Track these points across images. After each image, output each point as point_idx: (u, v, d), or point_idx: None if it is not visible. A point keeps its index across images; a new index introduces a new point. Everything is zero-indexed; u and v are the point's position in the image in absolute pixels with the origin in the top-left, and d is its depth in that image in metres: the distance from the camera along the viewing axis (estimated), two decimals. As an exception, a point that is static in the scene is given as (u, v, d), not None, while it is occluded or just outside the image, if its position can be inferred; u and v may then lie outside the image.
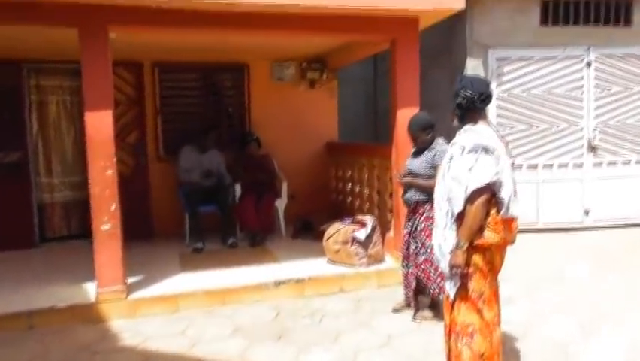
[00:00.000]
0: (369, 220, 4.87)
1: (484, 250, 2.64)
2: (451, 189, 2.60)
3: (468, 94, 2.64)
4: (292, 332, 3.82)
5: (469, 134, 2.62)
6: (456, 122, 2.78)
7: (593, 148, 6.57)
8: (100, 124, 4.01)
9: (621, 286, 4.64)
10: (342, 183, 6.69)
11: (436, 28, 5.67)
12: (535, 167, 6.57)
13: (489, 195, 2.54)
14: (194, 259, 5.30)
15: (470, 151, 2.54)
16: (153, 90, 6.33)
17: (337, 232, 4.89)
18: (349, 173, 6.42)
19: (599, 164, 6.62)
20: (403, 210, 4.72)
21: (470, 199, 2.53)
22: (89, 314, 4.04)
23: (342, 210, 6.44)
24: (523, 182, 6.51)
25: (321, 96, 6.94)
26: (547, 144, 6.56)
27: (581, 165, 6.60)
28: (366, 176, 5.88)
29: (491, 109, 6.44)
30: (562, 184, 6.60)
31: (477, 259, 2.65)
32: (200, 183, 5.89)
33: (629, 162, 6.67)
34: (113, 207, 4.07)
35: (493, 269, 2.74)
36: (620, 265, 5.26)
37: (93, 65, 3.98)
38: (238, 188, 6.13)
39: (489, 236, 2.60)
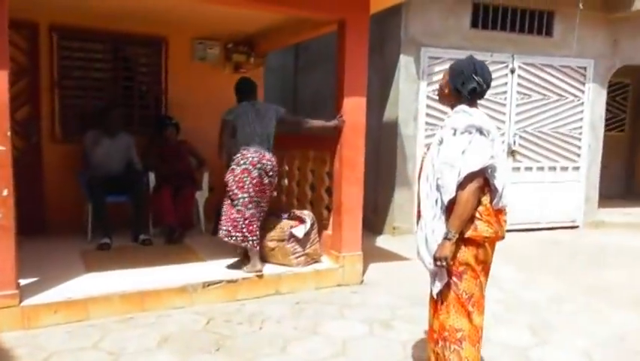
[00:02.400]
0: (307, 216, 4.46)
1: (477, 245, 2.38)
2: (442, 175, 2.33)
3: (480, 81, 2.38)
4: (231, 342, 3.29)
5: (461, 115, 2.37)
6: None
7: (512, 153, 6.75)
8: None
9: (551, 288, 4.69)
10: (266, 176, 6.20)
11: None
12: (459, 168, 6.58)
13: (482, 181, 2.30)
14: (101, 258, 4.53)
15: (463, 132, 2.29)
16: (50, 59, 5.39)
17: (272, 228, 4.43)
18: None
19: (517, 168, 6.81)
20: (346, 207, 4.43)
21: (462, 185, 2.27)
22: (-31, 326, 3.21)
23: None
24: (448, 183, 6.52)
25: (246, 82, 6.38)
26: (472, 146, 6.61)
27: (500, 169, 6.73)
28: (296, 169, 5.46)
29: (420, 109, 6.37)
30: (483, 187, 6.68)
31: (469, 255, 2.38)
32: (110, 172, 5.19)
33: (542, 168, 6.94)
34: (5, 193, 3.26)
35: (485, 268, 2.48)
36: (543, 266, 5.38)
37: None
38: (152, 177, 5.41)
39: (482, 228, 2.34)
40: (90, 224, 5.08)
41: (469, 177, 2.25)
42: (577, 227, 7.18)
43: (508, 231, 6.59)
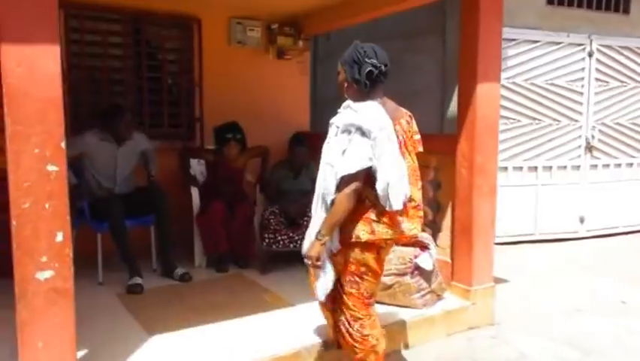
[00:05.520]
0: (429, 240, 3.43)
1: (378, 248, 2.32)
2: (325, 176, 2.27)
3: (375, 63, 2.24)
4: None
5: (346, 112, 2.29)
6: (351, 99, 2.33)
7: (590, 148, 5.93)
8: (33, 71, 2.00)
9: None
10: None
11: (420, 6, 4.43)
12: (534, 169, 5.72)
13: (359, 185, 2.19)
14: (152, 307, 3.34)
15: (344, 131, 2.22)
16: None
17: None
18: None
19: (595, 166, 6.00)
20: (478, 226, 3.43)
21: (339, 187, 2.20)
22: None
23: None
24: (523, 186, 5.66)
25: (291, 70, 5.29)
26: (547, 142, 5.76)
27: (578, 168, 5.91)
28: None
29: (495, 99, 5.45)
30: (559, 188, 5.84)
31: (369, 258, 2.31)
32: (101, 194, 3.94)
33: (619, 165, 6.16)
34: (59, 237, 2.08)
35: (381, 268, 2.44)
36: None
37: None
38: (195, 194, 4.24)
39: (381, 231, 2.25)
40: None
41: (346, 180, 2.17)
42: (654, 230, 6.44)
43: (588, 238, 5.95)
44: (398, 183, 2.19)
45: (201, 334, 2.93)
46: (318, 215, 2.32)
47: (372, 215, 2.24)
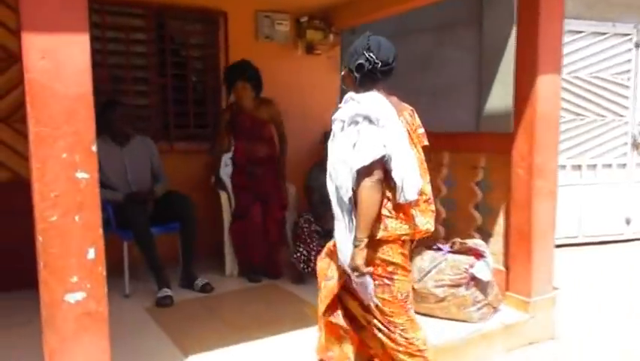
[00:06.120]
0: (484, 247, 3.14)
1: (401, 242, 2.14)
2: (337, 174, 2.10)
3: (371, 57, 2.10)
4: None
5: (348, 105, 2.15)
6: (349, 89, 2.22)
7: (637, 145, 5.58)
8: (59, 64, 1.76)
9: None
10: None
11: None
12: (578, 167, 5.40)
13: (381, 174, 2.03)
14: (186, 324, 3.08)
15: (350, 123, 2.09)
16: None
17: (437, 267, 3.09)
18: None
19: (639, 164, 5.66)
20: (537, 231, 3.14)
21: (358, 182, 2.03)
22: None
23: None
24: (567, 186, 5.32)
25: (321, 66, 5.01)
26: (592, 139, 5.43)
27: (624, 166, 5.57)
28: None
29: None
30: (604, 188, 5.51)
31: (394, 254, 2.13)
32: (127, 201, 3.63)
33: (667, 163, 5.80)
34: (91, 254, 1.83)
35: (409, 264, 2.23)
36: None
37: None
38: (224, 197, 3.98)
39: (395, 227, 2.09)
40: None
41: (364, 172, 2.02)
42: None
43: (632, 240, 5.60)
44: (412, 172, 2.07)
45: (241, 353, 2.68)
46: (337, 216, 2.13)
47: (384, 210, 2.09)
